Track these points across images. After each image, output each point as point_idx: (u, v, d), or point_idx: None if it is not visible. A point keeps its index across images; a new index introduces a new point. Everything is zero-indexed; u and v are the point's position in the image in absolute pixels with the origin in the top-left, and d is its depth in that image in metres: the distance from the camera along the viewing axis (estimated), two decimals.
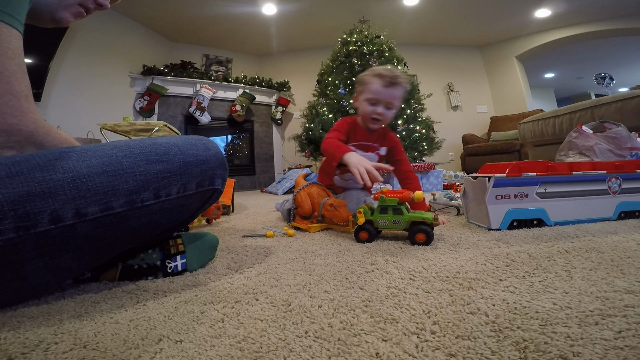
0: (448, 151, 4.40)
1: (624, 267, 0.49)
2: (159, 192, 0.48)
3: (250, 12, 3.54)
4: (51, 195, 0.39)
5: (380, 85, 0.98)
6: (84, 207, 0.41)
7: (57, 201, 0.40)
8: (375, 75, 0.99)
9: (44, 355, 0.32)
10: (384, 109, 1.00)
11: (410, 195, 0.76)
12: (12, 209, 0.37)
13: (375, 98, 0.99)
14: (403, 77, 1.00)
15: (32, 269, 0.41)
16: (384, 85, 0.97)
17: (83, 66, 3.00)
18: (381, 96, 0.98)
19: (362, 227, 0.78)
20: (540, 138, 2.13)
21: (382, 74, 0.98)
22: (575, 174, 0.85)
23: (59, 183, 0.40)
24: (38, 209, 0.39)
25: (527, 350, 0.29)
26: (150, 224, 0.50)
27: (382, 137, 1.12)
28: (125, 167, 0.45)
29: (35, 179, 0.39)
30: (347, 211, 0.88)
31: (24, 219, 0.38)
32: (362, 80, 1.04)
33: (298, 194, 0.99)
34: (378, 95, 0.98)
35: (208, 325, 0.37)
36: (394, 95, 0.99)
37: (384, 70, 0.99)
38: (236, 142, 4.14)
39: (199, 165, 0.52)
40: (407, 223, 0.75)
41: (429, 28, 4.13)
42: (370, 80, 1.00)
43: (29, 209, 0.38)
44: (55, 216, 0.40)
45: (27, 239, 0.39)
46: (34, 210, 0.38)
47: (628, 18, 3.78)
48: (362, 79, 1.04)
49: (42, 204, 0.39)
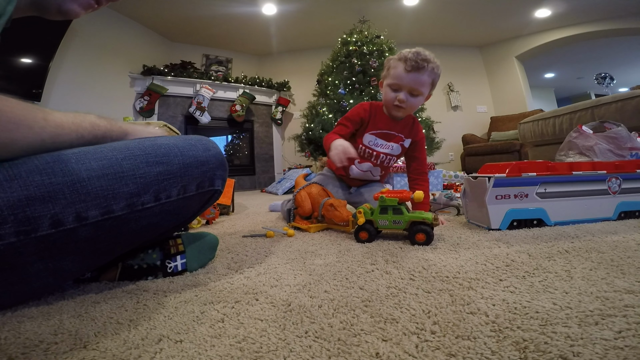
0: (448, 151, 4.40)
1: (624, 267, 0.49)
2: (159, 195, 0.48)
3: (250, 12, 3.54)
4: (51, 199, 0.39)
5: (403, 69, 0.88)
6: (84, 210, 0.41)
7: (57, 205, 0.39)
8: (400, 58, 0.90)
9: (44, 355, 0.32)
10: (408, 96, 0.91)
11: (410, 196, 0.76)
12: (12, 213, 0.37)
13: (396, 84, 0.91)
14: (432, 61, 0.90)
15: (33, 271, 0.41)
16: (407, 69, 0.88)
17: (83, 66, 3.00)
18: (404, 82, 0.90)
19: (362, 227, 0.78)
20: (540, 138, 2.13)
21: (407, 57, 0.88)
22: (575, 174, 0.85)
23: (58, 187, 0.39)
24: (38, 213, 0.38)
25: (527, 350, 0.29)
26: (150, 226, 0.50)
27: (410, 128, 1.02)
28: (125, 170, 0.44)
29: (35, 182, 0.38)
30: (347, 211, 0.88)
31: (24, 223, 0.38)
32: (388, 63, 0.96)
33: (298, 194, 0.99)
34: (400, 80, 0.90)
35: (208, 325, 0.37)
36: (418, 81, 0.89)
37: (410, 53, 0.90)
38: (236, 142, 4.14)
39: (198, 167, 0.52)
40: (407, 223, 0.75)
41: (429, 28, 4.13)
42: (394, 64, 0.92)
43: (29, 213, 0.38)
44: (56, 220, 0.39)
45: (28, 243, 0.38)
46: (34, 214, 0.38)
47: (628, 18, 3.78)
48: (388, 62, 0.96)
49: (42, 208, 0.38)
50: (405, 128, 1.03)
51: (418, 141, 1.04)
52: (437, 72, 0.93)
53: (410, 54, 0.89)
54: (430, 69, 0.90)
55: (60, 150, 0.42)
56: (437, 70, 0.92)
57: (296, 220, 1.01)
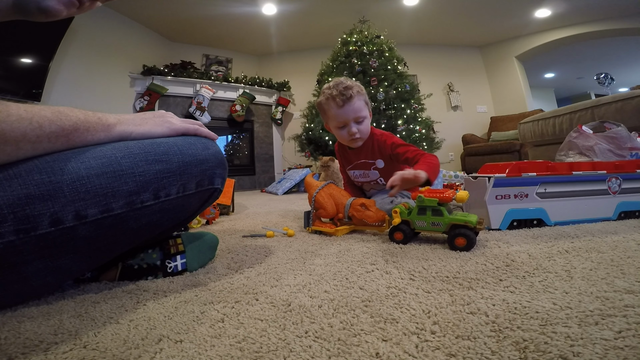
0: (448, 151, 4.40)
1: (624, 267, 0.49)
2: (159, 193, 0.48)
3: (250, 12, 3.54)
4: (50, 198, 0.39)
5: (336, 107, 0.92)
6: (83, 209, 0.41)
7: (56, 203, 0.39)
8: (328, 98, 0.94)
9: (44, 355, 0.32)
10: (356, 125, 0.95)
11: (452, 196, 0.69)
12: (12, 212, 0.37)
13: (340, 122, 0.95)
14: (352, 85, 0.94)
15: (33, 270, 0.41)
16: (339, 105, 0.92)
17: (83, 66, 3.00)
18: (344, 117, 0.93)
19: (398, 227, 0.73)
20: (540, 138, 2.13)
21: (333, 95, 0.92)
22: (575, 174, 0.85)
23: (57, 185, 0.39)
24: (38, 211, 0.38)
25: (527, 350, 0.29)
26: (150, 225, 0.50)
27: (373, 150, 1.02)
28: (124, 168, 0.44)
29: (34, 181, 0.38)
30: (380, 210, 0.84)
31: (24, 221, 0.38)
32: (321, 108, 0.99)
33: (318, 194, 0.91)
34: (340, 117, 0.94)
35: (208, 325, 0.37)
36: (355, 109, 0.93)
37: (332, 89, 0.93)
38: (236, 142, 4.14)
39: (198, 165, 0.52)
40: (446, 226, 0.68)
41: (429, 28, 4.13)
42: (327, 106, 0.95)
43: (28, 212, 0.38)
44: (56, 219, 0.39)
45: (27, 241, 0.38)
46: (34, 212, 0.38)
47: (628, 18, 3.78)
48: (321, 107, 0.99)
49: (41, 206, 0.38)
50: (369, 152, 1.03)
51: (392, 152, 0.98)
52: (362, 91, 0.97)
53: (334, 90, 0.93)
54: (356, 92, 0.94)
55: (60, 153, 0.41)
56: (361, 90, 0.97)
57: (316, 224, 0.92)
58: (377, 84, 3.07)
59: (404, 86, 3.09)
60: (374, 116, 3.00)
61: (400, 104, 3.06)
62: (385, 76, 3.09)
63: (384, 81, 3.08)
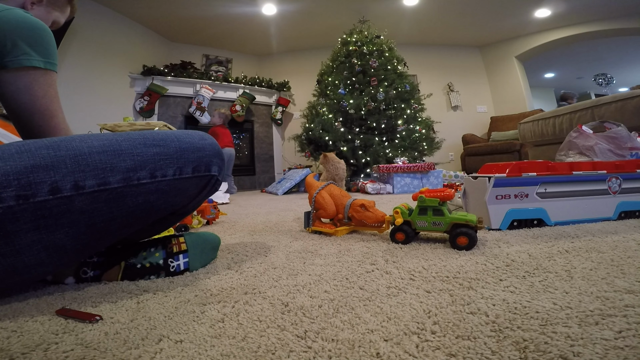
0: (448, 151, 4.40)
1: (624, 267, 0.49)
2: (155, 172, 0.50)
3: (250, 12, 3.54)
4: (53, 168, 0.43)
5: None
6: (82, 180, 0.44)
7: (58, 173, 0.43)
8: None
9: (44, 355, 0.32)
10: None
11: (453, 195, 0.70)
12: (17, 179, 0.40)
13: None
14: None
15: (26, 242, 0.42)
16: None
17: (83, 66, 3.00)
18: None
19: (399, 228, 0.73)
20: (540, 138, 2.13)
21: None
22: (575, 174, 0.85)
23: (61, 158, 0.43)
24: (40, 179, 0.41)
25: (527, 350, 0.29)
26: (146, 205, 0.51)
27: None
28: (123, 148, 0.48)
29: (41, 154, 0.43)
30: (380, 211, 0.84)
31: (25, 188, 0.41)
32: None
33: (319, 194, 0.91)
34: None
35: (208, 325, 0.37)
36: None
37: None
38: (236, 142, 4.14)
39: (195, 152, 0.54)
40: (448, 225, 0.69)
41: (429, 28, 4.13)
42: None
43: (31, 179, 0.41)
44: (55, 187, 0.42)
45: (26, 208, 0.41)
46: (36, 180, 0.41)
47: (628, 18, 3.78)
48: None
49: (44, 175, 0.42)
50: None
51: None
52: None
53: None
54: None
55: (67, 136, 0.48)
56: None
57: (316, 224, 0.93)
58: (377, 84, 3.07)
59: (404, 86, 3.10)
60: (375, 116, 3.00)
61: (400, 104, 3.06)
62: (385, 76, 3.09)
63: (384, 81, 3.08)
